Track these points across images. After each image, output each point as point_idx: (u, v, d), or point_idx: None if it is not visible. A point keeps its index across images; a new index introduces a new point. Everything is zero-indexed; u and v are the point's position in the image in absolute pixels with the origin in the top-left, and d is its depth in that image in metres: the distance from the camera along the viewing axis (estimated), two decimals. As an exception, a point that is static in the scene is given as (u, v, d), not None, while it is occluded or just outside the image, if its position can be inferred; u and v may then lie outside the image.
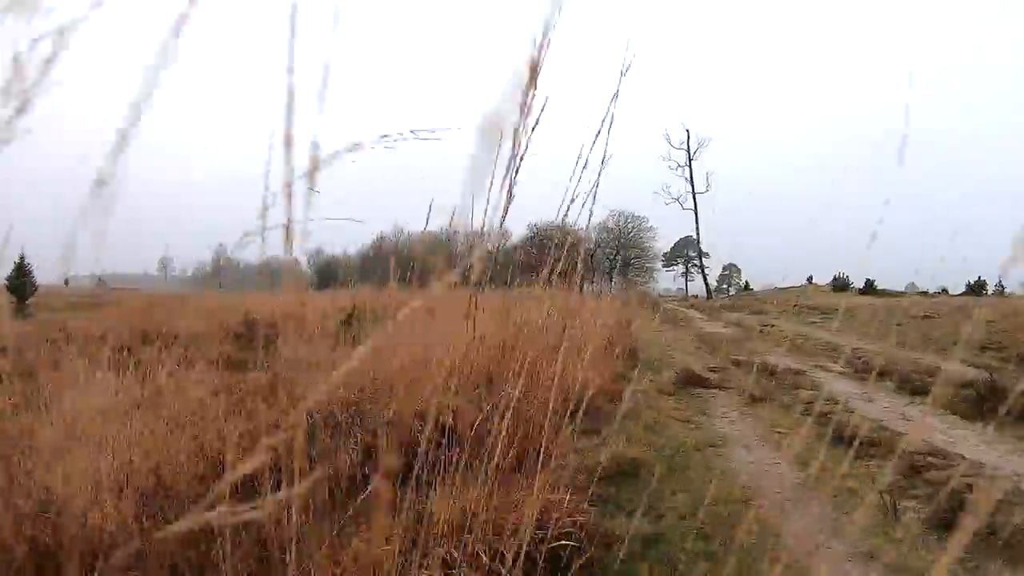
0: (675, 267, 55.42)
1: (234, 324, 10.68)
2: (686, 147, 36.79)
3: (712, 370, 6.68)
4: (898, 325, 11.74)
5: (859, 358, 8.91)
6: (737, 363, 8.16)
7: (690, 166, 36.88)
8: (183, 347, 7.81)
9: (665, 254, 51.76)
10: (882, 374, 7.69)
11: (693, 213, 37.24)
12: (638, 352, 7.12)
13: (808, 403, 5.25)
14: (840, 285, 23.68)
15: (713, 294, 39.69)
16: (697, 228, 37.65)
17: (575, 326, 5.27)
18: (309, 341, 5.66)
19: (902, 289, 22.19)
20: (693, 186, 36.99)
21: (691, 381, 5.63)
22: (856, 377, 7.71)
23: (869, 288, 21.63)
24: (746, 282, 38.96)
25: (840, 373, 7.81)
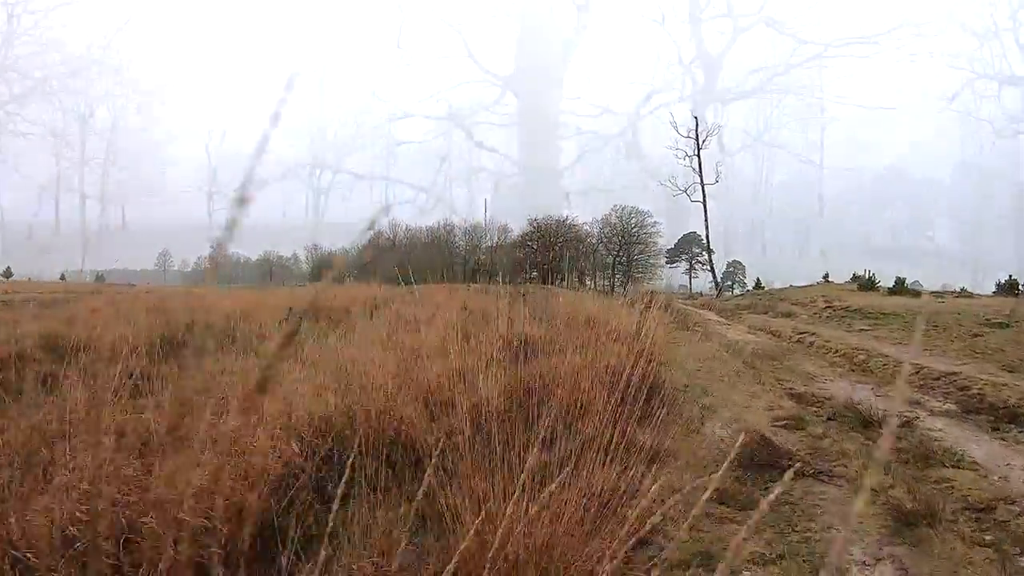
0: (678, 263, 52.93)
1: (175, 328, 8.60)
2: (695, 136, 34.10)
3: (781, 422, 4.26)
4: (975, 336, 9.29)
5: (960, 388, 6.50)
6: (798, 397, 5.75)
7: (699, 156, 34.18)
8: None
9: (669, 250, 49.13)
10: (1013, 418, 5.29)
11: (702, 206, 34.63)
12: (662, 385, 4.67)
13: (988, 508, 2.85)
14: (865, 284, 21.17)
15: (722, 292, 37.18)
16: (706, 222, 35.09)
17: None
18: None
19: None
20: (702, 177, 34.33)
21: (762, 458, 3.22)
22: (978, 422, 5.31)
23: (900, 287, 19.18)
24: (757, 279, 36.33)
25: (948, 415, 5.41)
